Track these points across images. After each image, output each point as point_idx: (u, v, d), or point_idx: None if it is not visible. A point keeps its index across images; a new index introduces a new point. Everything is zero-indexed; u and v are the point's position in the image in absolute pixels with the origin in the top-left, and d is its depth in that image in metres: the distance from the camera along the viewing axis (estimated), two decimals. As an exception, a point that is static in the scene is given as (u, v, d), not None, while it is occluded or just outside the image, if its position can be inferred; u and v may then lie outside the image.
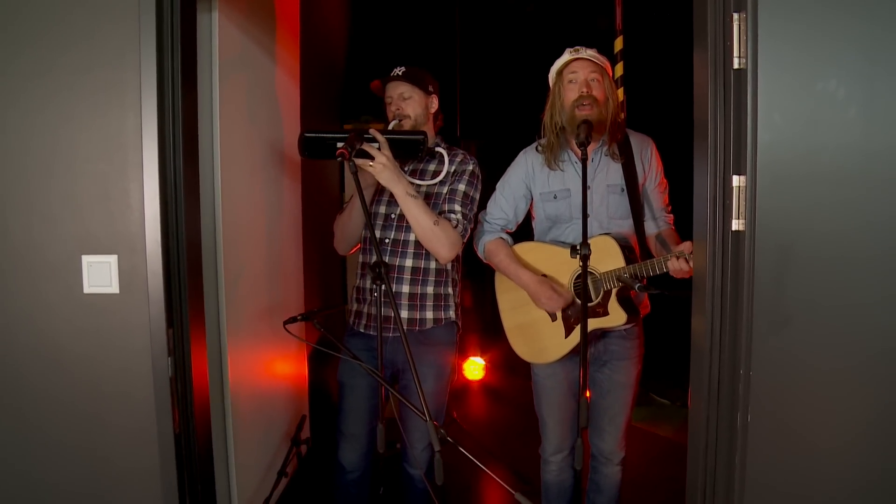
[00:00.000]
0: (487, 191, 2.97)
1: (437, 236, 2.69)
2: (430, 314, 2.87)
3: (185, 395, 2.21)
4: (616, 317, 2.72)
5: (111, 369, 2.15)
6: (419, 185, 2.78)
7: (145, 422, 2.15)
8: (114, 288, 2.12)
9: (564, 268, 2.79)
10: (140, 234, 2.10)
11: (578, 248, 2.38)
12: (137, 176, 2.09)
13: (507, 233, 2.96)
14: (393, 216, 2.84)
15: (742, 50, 1.78)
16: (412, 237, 2.80)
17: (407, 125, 2.83)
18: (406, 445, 2.88)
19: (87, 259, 2.12)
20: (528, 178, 2.87)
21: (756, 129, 1.75)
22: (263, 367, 3.26)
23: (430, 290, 2.87)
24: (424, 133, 2.70)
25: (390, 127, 2.81)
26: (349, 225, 2.91)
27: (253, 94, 3.08)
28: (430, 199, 2.80)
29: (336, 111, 5.05)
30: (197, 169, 2.31)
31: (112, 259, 2.12)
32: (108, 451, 2.18)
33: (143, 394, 2.14)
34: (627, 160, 2.74)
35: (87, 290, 2.12)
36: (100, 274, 2.11)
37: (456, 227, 2.74)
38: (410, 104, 2.84)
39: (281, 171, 3.43)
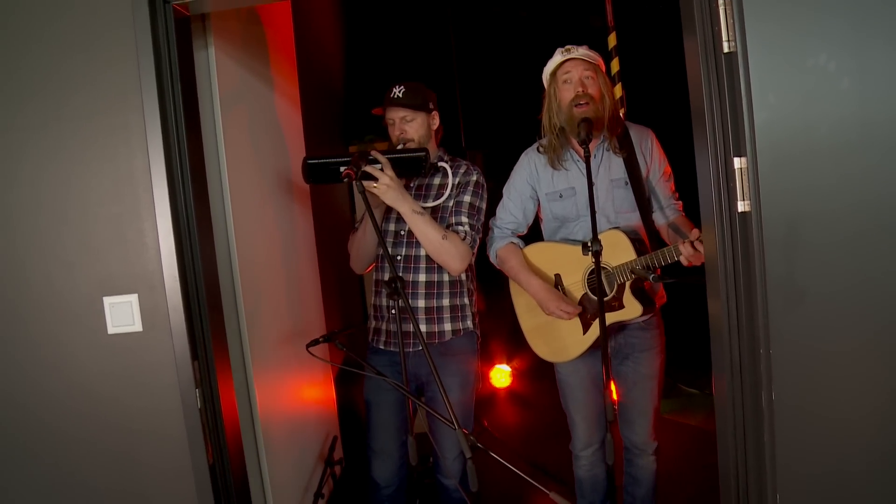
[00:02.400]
0: (495, 199, 2.99)
1: (446, 250, 2.71)
2: (448, 326, 2.88)
3: (216, 426, 2.24)
4: (632, 309, 2.73)
5: (141, 406, 2.19)
6: (432, 206, 2.81)
7: (179, 455, 2.19)
8: (137, 326, 2.17)
9: (577, 265, 2.80)
10: (158, 271, 2.15)
11: (589, 244, 2.40)
12: (150, 215, 2.14)
13: (519, 236, 2.98)
14: (402, 233, 2.87)
15: (730, 34, 1.79)
16: (423, 252, 2.82)
17: (411, 147, 2.86)
18: (437, 457, 2.90)
19: (108, 300, 2.17)
20: (533, 179, 2.89)
21: (752, 110, 1.77)
22: (291, 391, 3.29)
23: (445, 302, 2.88)
24: (426, 150, 2.72)
25: (397, 148, 2.84)
26: (363, 243, 2.93)
27: (255, 124, 3.12)
28: (436, 213, 2.82)
29: (340, 133, 5.09)
30: (207, 203, 2.35)
31: (133, 298, 2.16)
32: (145, 487, 2.22)
33: (175, 427, 2.18)
34: (629, 153, 2.75)
35: (111, 330, 2.17)
36: (122, 314, 2.16)
37: (464, 238, 2.76)
38: (413, 126, 2.85)
39: (290, 196, 3.47)
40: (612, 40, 4.61)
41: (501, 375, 5.62)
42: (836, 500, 1.84)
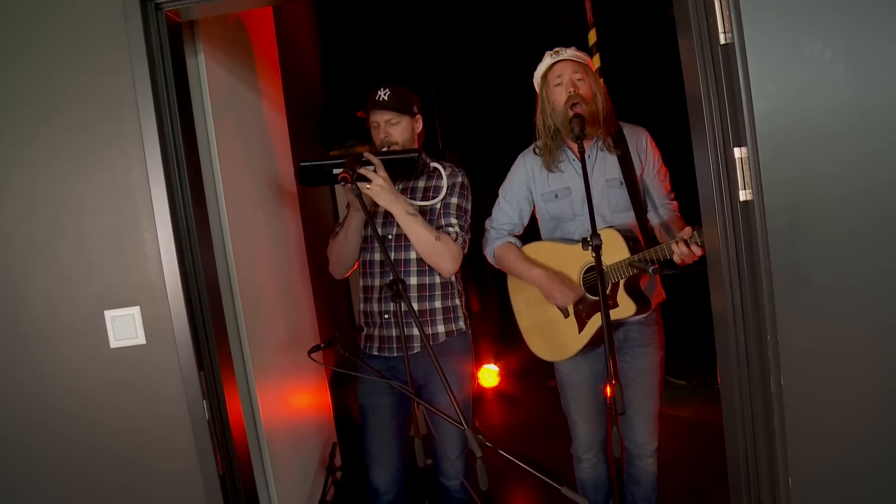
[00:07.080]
0: (477, 199, 2.97)
1: (439, 251, 2.70)
2: (441, 328, 2.88)
3: (225, 436, 2.22)
4: (625, 308, 2.74)
5: (148, 419, 2.17)
6: (423, 205, 2.79)
7: (188, 466, 2.16)
8: (140, 339, 2.14)
9: (573, 263, 2.81)
10: (160, 282, 2.12)
11: (589, 239, 2.41)
12: (150, 226, 2.11)
13: (515, 236, 2.98)
14: (390, 237, 2.86)
15: (727, 25, 1.81)
16: (413, 255, 2.81)
17: (396, 150, 2.84)
18: (439, 458, 2.89)
19: (109, 314, 2.14)
20: (529, 181, 2.89)
21: (751, 100, 1.79)
22: (291, 399, 3.26)
23: (437, 304, 2.87)
24: (418, 150, 2.72)
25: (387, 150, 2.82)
26: (345, 247, 2.90)
27: (245, 131, 3.09)
28: (424, 215, 2.80)
29: (321, 139, 5.07)
30: (206, 212, 2.33)
31: (135, 310, 2.14)
32: (155, 500, 2.20)
33: (183, 439, 2.16)
34: (623, 153, 2.77)
35: (113, 344, 2.14)
36: (124, 327, 2.13)
37: (456, 240, 2.75)
38: (398, 129, 2.84)
39: (281, 202, 3.45)
40: (592, 36, 4.62)
41: (489, 375, 5.62)
42: (851, 483, 1.86)
